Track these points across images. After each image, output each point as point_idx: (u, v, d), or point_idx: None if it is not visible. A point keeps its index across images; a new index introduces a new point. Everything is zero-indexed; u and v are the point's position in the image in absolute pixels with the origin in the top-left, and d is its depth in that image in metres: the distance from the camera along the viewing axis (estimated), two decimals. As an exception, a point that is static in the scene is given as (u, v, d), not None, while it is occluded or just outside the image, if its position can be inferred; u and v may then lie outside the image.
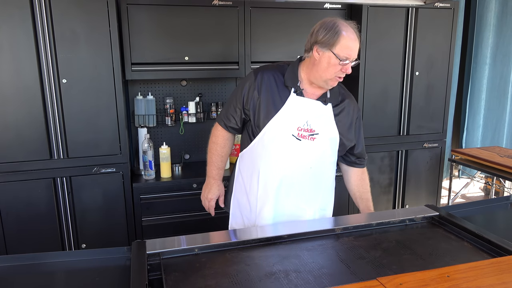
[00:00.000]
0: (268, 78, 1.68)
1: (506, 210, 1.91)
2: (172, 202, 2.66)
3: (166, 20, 2.60)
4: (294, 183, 1.70)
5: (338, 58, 1.55)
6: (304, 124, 1.65)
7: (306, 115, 1.66)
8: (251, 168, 1.75)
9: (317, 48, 1.59)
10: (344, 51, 1.55)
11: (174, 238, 1.44)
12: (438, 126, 3.22)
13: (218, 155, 1.85)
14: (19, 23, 2.23)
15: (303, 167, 1.69)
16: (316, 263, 1.32)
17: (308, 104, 1.67)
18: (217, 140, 1.84)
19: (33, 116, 2.35)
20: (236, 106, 1.74)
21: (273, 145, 1.66)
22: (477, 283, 1.08)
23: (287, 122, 1.65)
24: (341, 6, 2.89)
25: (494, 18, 3.91)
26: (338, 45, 1.54)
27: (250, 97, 1.69)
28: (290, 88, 1.67)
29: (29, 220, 2.45)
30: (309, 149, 1.67)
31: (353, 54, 1.57)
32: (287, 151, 1.66)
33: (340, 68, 1.57)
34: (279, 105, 1.65)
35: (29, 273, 1.33)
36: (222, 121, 1.80)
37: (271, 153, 1.67)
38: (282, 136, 1.65)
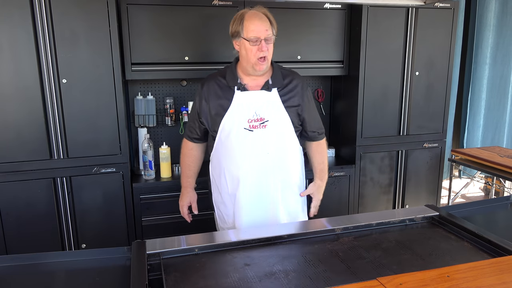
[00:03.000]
0: (212, 86, 1.82)
1: (506, 210, 1.91)
2: (172, 202, 2.66)
3: (166, 20, 2.60)
4: (258, 171, 1.80)
5: (249, 39, 1.69)
6: (253, 115, 1.77)
7: (253, 106, 1.77)
8: (218, 168, 1.88)
9: (234, 41, 1.77)
10: (250, 33, 1.69)
11: (174, 238, 1.44)
12: (438, 126, 3.22)
13: (185, 164, 2.00)
14: (19, 23, 2.23)
15: (261, 155, 1.79)
16: (316, 263, 1.32)
17: (252, 96, 1.79)
18: (183, 151, 2.00)
19: (33, 116, 2.35)
20: (194, 119, 1.90)
21: (229, 141, 1.79)
22: (477, 283, 1.08)
23: (237, 118, 1.77)
24: (341, 6, 2.89)
25: (494, 18, 3.91)
26: (245, 30, 1.70)
27: (202, 108, 1.84)
28: (233, 87, 1.78)
29: (29, 220, 2.45)
30: (262, 136, 1.77)
31: (261, 33, 1.69)
32: (243, 144, 1.77)
33: (256, 49, 1.70)
34: (227, 105, 1.77)
35: (29, 273, 1.33)
36: (186, 134, 1.98)
37: (229, 149, 1.80)
38: (235, 131, 1.77)
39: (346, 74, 3.04)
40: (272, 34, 1.73)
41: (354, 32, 2.93)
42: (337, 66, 3.00)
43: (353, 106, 2.99)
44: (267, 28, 1.71)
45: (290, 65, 2.88)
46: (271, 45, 1.74)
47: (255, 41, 1.69)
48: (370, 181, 3.14)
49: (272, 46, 1.75)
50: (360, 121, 2.99)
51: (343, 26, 2.93)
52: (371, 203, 3.17)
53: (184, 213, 2.03)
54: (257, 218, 1.84)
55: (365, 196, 3.14)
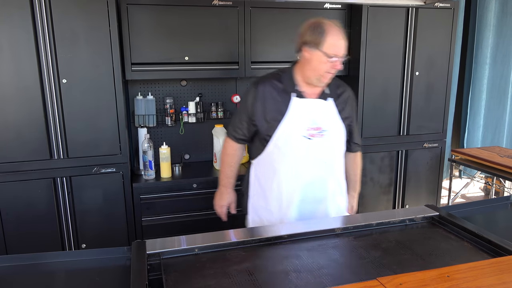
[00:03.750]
0: (268, 88, 1.77)
1: (506, 210, 1.91)
2: (172, 202, 2.66)
3: (166, 20, 2.60)
4: (314, 179, 1.80)
5: (327, 56, 1.63)
6: (311, 123, 1.74)
7: (311, 114, 1.75)
8: (268, 173, 1.83)
9: (306, 48, 1.68)
10: (331, 49, 1.63)
11: (174, 238, 1.44)
12: (438, 126, 3.22)
13: (228, 165, 1.95)
14: (19, 23, 2.23)
15: (319, 163, 1.79)
16: (316, 263, 1.32)
17: (311, 104, 1.75)
18: (226, 151, 1.94)
19: (33, 116, 2.35)
20: (243, 120, 1.84)
21: (287, 148, 1.75)
22: (477, 283, 1.08)
23: (295, 125, 1.73)
24: (341, 6, 2.89)
25: (494, 18, 3.91)
26: (325, 44, 1.63)
27: (256, 109, 1.78)
28: (290, 93, 1.74)
29: (29, 220, 2.45)
30: (321, 145, 1.76)
31: (340, 51, 1.65)
32: (302, 151, 1.75)
33: (330, 65, 1.66)
34: (284, 111, 1.73)
35: (29, 273, 1.33)
36: (231, 134, 1.91)
37: (287, 156, 1.76)
38: (294, 138, 1.74)
39: (346, 74, 3.04)
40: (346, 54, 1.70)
41: (354, 32, 2.93)
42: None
43: (353, 106, 2.99)
44: (345, 46, 1.67)
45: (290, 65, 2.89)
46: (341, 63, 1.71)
47: (333, 57, 1.64)
48: (370, 181, 3.14)
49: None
50: (360, 121, 2.99)
51: (343, 26, 2.92)
52: (371, 203, 3.17)
53: (222, 212, 2.00)
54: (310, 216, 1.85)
55: (365, 196, 3.14)
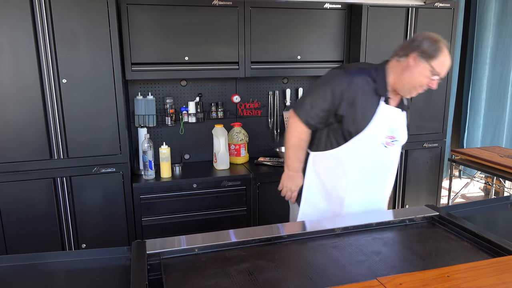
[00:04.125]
0: (362, 83, 1.70)
1: (506, 210, 1.91)
2: (172, 202, 2.66)
3: (166, 20, 2.60)
4: (377, 185, 1.85)
5: (433, 71, 1.62)
6: (389, 132, 1.76)
7: (391, 123, 1.76)
8: (334, 171, 1.81)
9: (415, 56, 1.64)
10: (439, 67, 1.62)
11: (174, 238, 1.44)
12: (438, 126, 3.22)
13: (301, 149, 1.85)
14: (19, 23, 2.22)
15: (384, 171, 1.84)
16: (316, 263, 1.32)
17: (393, 112, 1.76)
18: (300, 136, 1.82)
19: (33, 116, 2.35)
20: (324, 108, 1.73)
21: (364, 152, 1.75)
22: (477, 283, 1.08)
23: (378, 131, 1.74)
24: (341, 6, 2.89)
25: (494, 18, 3.91)
26: (437, 60, 1.61)
27: (345, 102, 1.69)
28: (380, 96, 1.72)
29: (29, 220, 2.45)
30: (392, 154, 1.81)
31: (444, 72, 1.65)
32: (376, 158, 1.78)
33: (429, 81, 1.65)
34: (372, 114, 1.71)
35: (29, 273, 1.33)
36: (305, 118, 1.76)
37: (363, 160, 1.77)
38: (373, 144, 1.75)
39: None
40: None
41: (354, 32, 2.93)
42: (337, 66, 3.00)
43: (353, 106, 2.99)
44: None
45: (290, 65, 2.89)
46: None
47: (437, 75, 1.63)
48: (370, 181, 3.13)
49: None
50: (360, 121, 2.99)
51: (343, 26, 2.93)
52: (371, 203, 3.17)
53: (294, 197, 1.93)
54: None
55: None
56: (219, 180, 2.73)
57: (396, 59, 1.71)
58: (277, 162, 2.98)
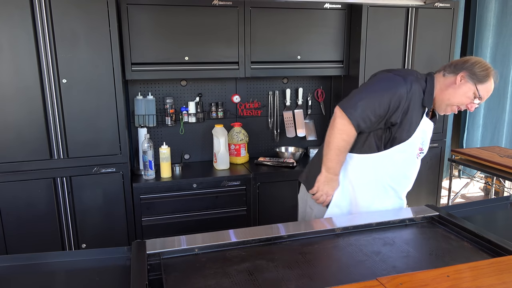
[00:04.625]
0: (416, 93, 1.67)
1: (506, 210, 1.91)
2: (172, 202, 2.67)
3: (166, 20, 2.60)
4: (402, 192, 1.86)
5: (477, 94, 1.65)
6: (421, 143, 1.78)
7: (424, 135, 1.78)
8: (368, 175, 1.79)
9: (463, 75, 1.65)
10: (484, 92, 1.65)
11: (174, 238, 1.44)
12: (438, 126, 3.21)
13: (345, 151, 1.75)
14: (19, 23, 2.23)
15: (412, 180, 1.87)
16: (316, 263, 1.32)
17: (428, 125, 1.77)
18: (347, 139, 1.71)
19: (33, 116, 2.35)
20: (379, 112, 1.65)
21: (400, 162, 1.77)
22: (477, 283, 1.08)
23: (416, 142, 1.75)
24: (341, 6, 2.89)
25: (494, 18, 3.91)
26: (484, 85, 1.64)
27: (400, 110, 1.65)
28: (425, 108, 1.72)
29: (29, 220, 2.45)
30: (419, 165, 1.84)
31: (486, 97, 1.68)
32: (409, 168, 1.81)
33: (469, 102, 1.67)
34: (417, 124, 1.71)
35: (29, 273, 1.33)
36: (356, 121, 1.65)
37: (397, 168, 1.78)
38: (409, 154, 1.77)
39: (346, 74, 3.04)
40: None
41: (354, 32, 2.93)
42: (337, 66, 3.00)
43: (353, 106, 2.99)
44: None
45: (290, 65, 2.89)
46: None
47: (476, 99, 1.65)
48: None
49: None
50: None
51: (343, 26, 2.93)
52: (371, 203, 3.17)
53: (328, 201, 1.83)
54: None
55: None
56: (219, 180, 2.73)
57: (443, 73, 1.71)
58: (277, 162, 2.98)
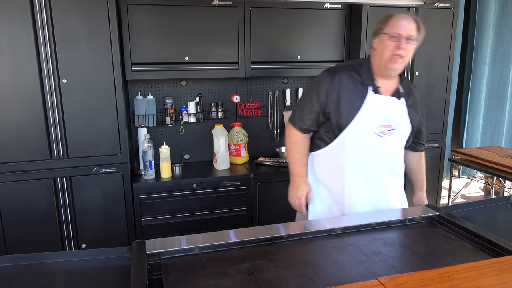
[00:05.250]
0: (345, 79, 1.75)
1: (506, 210, 1.91)
2: (172, 202, 2.66)
3: (166, 20, 2.60)
4: (378, 175, 1.82)
5: (389, 35, 1.65)
6: (383, 121, 1.75)
7: (384, 112, 1.75)
8: (332, 167, 1.83)
9: (374, 39, 1.74)
10: (393, 28, 1.65)
11: (174, 238, 1.44)
12: (438, 126, 3.22)
13: (300, 153, 1.88)
14: (19, 23, 2.22)
15: (385, 161, 1.82)
16: (316, 263, 1.32)
17: (385, 101, 1.76)
18: (296, 140, 1.88)
19: (33, 116, 2.35)
20: (313, 110, 1.79)
21: (357, 144, 1.76)
22: (477, 283, 1.08)
23: (368, 121, 1.74)
24: (341, 6, 2.89)
25: (494, 18, 3.91)
26: (388, 25, 1.67)
27: (330, 100, 1.75)
28: (368, 86, 1.74)
29: (29, 220, 2.45)
30: (389, 143, 1.79)
31: (403, 30, 1.64)
32: (371, 148, 1.77)
33: (393, 45, 1.65)
34: (359, 105, 1.73)
35: (29, 273, 1.33)
36: (297, 124, 1.85)
37: (356, 151, 1.77)
38: (365, 134, 1.75)
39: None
40: (415, 36, 1.67)
41: (354, 32, 2.93)
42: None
43: (353, 106, 2.99)
44: (412, 28, 1.66)
45: (290, 65, 2.89)
46: (410, 46, 1.67)
47: (395, 36, 1.64)
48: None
49: (411, 48, 1.68)
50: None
51: (343, 26, 2.93)
52: (371, 203, 3.17)
53: (302, 204, 1.88)
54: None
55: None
56: (219, 180, 2.73)
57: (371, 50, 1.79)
58: (277, 162, 2.98)
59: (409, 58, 1.71)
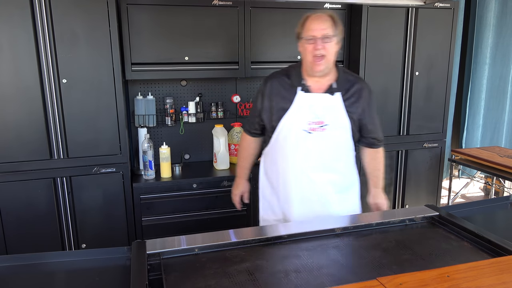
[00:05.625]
0: (276, 84, 1.85)
1: (506, 210, 1.91)
2: (172, 202, 2.67)
3: (166, 20, 2.60)
4: (309, 171, 1.82)
5: (305, 38, 1.72)
6: (313, 118, 1.77)
7: (314, 108, 1.78)
8: (272, 164, 1.92)
9: (298, 44, 1.79)
10: (308, 31, 1.72)
11: (174, 238, 1.44)
12: (438, 126, 3.22)
13: (242, 157, 2.08)
14: (19, 23, 2.23)
15: (317, 157, 1.81)
16: (316, 263, 1.32)
17: (315, 98, 1.79)
18: (241, 145, 2.08)
19: (33, 116, 2.35)
20: (255, 115, 1.93)
21: (287, 141, 1.81)
22: (477, 283, 1.08)
23: (297, 118, 1.78)
24: (341, 6, 2.89)
25: (494, 18, 3.91)
26: (304, 29, 1.74)
27: (264, 105, 1.87)
28: (297, 87, 1.79)
29: (29, 220, 2.45)
30: (320, 139, 1.79)
31: (317, 31, 1.70)
32: (301, 145, 1.79)
33: (311, 48, 1.71)
34: (289, 105, 1.79)
35: (29, 273, 1.33)
36: (245, 129, 2.03)
37: (286, 149, 1.82)
38: (294, 132, 1.79)
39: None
40: (332, 34, 1.71)
41: (354, 32, 2.93)
42: (337, 66, 3.00)
43: (353, 106, 2.99)
44: (325, 27, 1.70)
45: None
46: (329, 44, 1.70)
47: (311, 39, 1.70)
48: (370, 181, 3.13)
49: (331, 46, 1.71)
50: (360, 121, 2.99)
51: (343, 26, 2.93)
52: (371, 203, 3.17)
53: (235, 201, 2.13)
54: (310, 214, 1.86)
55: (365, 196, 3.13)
56: (219, 180, 2.73)
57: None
58: (277, 162, 2.98)
59: (333, 55, 1.75)
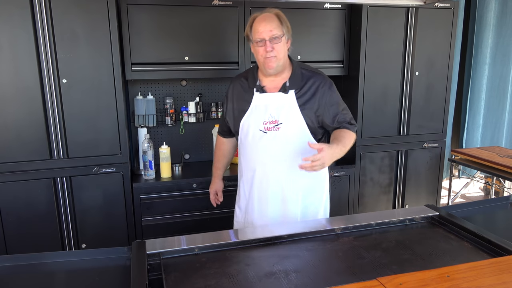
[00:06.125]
0: (236, 87, 1.91)
1: (506, 210, 1.91)
2: (172, 202, 2.67)
3: (166, 20, 2.60)
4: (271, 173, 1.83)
5: (253, 41, 1.75)
6: (268, 117, 1.80)
7: (269, 108, 1.80)
8: (240, 163, 1.97)
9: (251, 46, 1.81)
10: (255, 34, 1.74)
11: (174, 238, 1.44)
12: (438, 126, 3.22)
13: (216, 157, 2.18)
14: (19, 23, 2.23)
15: (275, 157, 1.81)
16: (316, 263, 1.32)
17: (269, 98, 1.81)
18: (216, 145, 2.19)
19: (33, 116, 2.35)
20: (224, 117, 2.01)
21: (246, 142, 1.86)
22: (477, 283, 1.08)
23: (253, 119, 1.82)
24: (341, 6, 2.89)
25: (494, 18, 3.91)
26: (252, 32, 1.76)
27: (228, 109, 1.94)
28: (253, 88, 1.83)
29: (29, 220, 2.45)
30: (276, 138, 1.79)
31: (264, 33, 1.72)
32: (258, 144, 1.82)
33: (261, 50, 1.73)
34: (247, 107, 1.84)
35: (29, 273, 1.33)
36: (218, 130, 2.13)
37: (246, 149, 1.88)
38: (251, 132, 1.83)
39: (346, 74, 3.04)
40: (280, 34, 1.73)
41: (354, 32, 2.93)
42: (337, 66, 3.00)
43: (353, 106, 2.99)
44: (272, 28, 1.71)
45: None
46: (278, 45, 1.72)
47: (260, 41, 1.72)
48: (370, 181, 3.14)
49: (280, 46, 1.73)
50: (360, 121, 2.99)
51: (343, 26, 2.93)
52: (371, 203, 3.17)
53: (211, 198, 2.24)
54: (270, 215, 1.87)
55: (365, 196, 3.14)
56: (219, 180, 2.72)
57: None
58: (277, 162, 2.98)
59: (284, 54, 1.76)
